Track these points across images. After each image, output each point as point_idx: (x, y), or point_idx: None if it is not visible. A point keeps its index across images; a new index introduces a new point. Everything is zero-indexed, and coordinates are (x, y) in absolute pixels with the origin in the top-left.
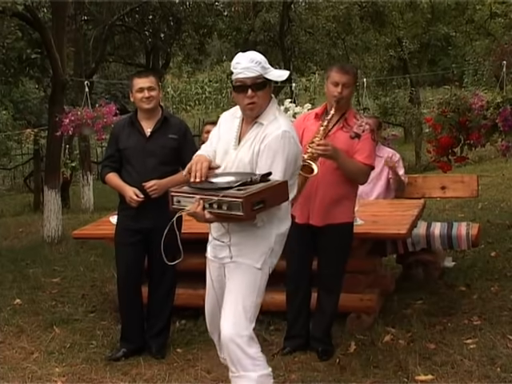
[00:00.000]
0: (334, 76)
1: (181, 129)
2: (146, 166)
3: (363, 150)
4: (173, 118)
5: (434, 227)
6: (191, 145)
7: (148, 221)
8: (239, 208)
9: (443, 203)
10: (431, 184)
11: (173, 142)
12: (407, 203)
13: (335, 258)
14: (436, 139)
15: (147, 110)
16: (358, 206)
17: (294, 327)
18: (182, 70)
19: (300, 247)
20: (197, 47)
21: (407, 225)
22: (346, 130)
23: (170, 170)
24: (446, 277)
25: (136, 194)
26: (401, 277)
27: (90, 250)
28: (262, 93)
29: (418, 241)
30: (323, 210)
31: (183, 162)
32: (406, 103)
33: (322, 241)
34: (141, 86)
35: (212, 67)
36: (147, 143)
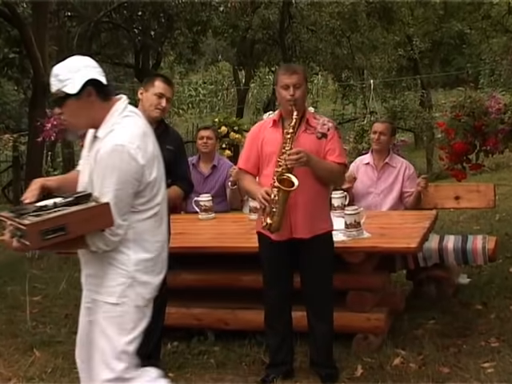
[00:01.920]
0: (283, 79)
1: (177, 140)
2: None
3: (333, 149)
4: (170, 128)
5: (448, 241)
6: (185, 159)
7: None
8: (26, 236)
9: (457, 214)
10: (444, 194)
11: (170, 153)
12: (418, 214)
13: (324, 273)
14: (449, 145)
15: (151, 118)
16: (365, 217)
17: (277, 355)
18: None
19: (281, 268)
20: (190, 46)
21: (418, 238)
22: (310, 132)
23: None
24: (460, 294)
25: None
26: (411, 294)
27: (75, 266)
28: (65, 109)
29: (430, 255)
30: (309, 220)
31: (177, 176)
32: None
33: (307, 255)
34: (162, 92)
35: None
36: None
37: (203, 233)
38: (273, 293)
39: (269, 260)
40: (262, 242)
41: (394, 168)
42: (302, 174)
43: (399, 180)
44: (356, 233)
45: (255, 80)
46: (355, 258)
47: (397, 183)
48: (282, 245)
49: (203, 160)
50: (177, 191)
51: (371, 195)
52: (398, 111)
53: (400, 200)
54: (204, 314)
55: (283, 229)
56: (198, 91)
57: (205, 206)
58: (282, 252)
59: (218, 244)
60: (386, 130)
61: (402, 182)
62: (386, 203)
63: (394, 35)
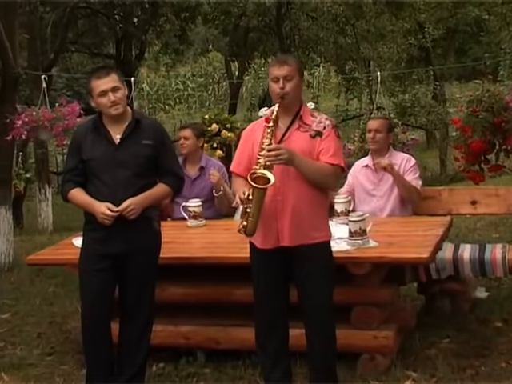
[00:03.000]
0: (272, 71)
1: (156, 133)
2: (116, 180)
3: (327, 148)
4: (146, 119)
5: (463, 250)
6: (170, 151)
7: (119, 243)
8: None
9: (474, 221)
10: (459, 198)
11: (147, 149)
12: (430, 221)
13: (320, 285)
14: (465, 144)
15: (114, 117)
16: (371, 224)
17: (272, 375)
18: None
19: (273, 280)
20: (177, 34)
21: (430, 247)
22: (303, 130)
23: (146, 183)
24: (477, 310)
25: (109, 209)
26: (423, 310)
27: (49, 279)
28: None
29: (444, 266)
30: (296, 226)
31: (161, 172)
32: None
33: (300, 266)
34: (103, 89)
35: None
36: (117, 152)
37: (192, 242)
38: (264, 308)
39: (258, 270)
40: (251, 251)
41: (395, 164)
42: (292, 175)
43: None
44: (361, 241)
45: (249, 72)
46: (360, 270)
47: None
48: (272, 254)
49: (189, 161)
50: (162, 189)
51: (374, 199)
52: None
53: (404, 201)
54: (193, 332)
55: (269, 236)
56: (187, 85)
57: (194, 212)
58: (273, 262)
59: (208, 254)
60: (381, 127)
61: (403, 176)
62: (388, 206)
63: (403, 22)
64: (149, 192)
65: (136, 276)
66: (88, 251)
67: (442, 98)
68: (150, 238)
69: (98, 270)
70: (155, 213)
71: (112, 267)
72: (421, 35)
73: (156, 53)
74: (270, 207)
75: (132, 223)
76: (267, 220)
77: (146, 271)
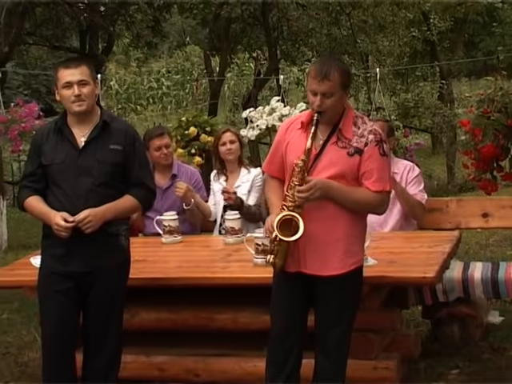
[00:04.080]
0: (311, 83)
1: (127, 136)
2: (78, 188)
3: (370, 172)
4: (116, 121)
5: (474, 269)
6: (142, 159)
7: (81, 261)
8: None
9: (486, 236)
10: (469, 210)
11: (115, 154)
12: (436, 236)
13: (341, 314)
14: (476, 149)
15: (78, 114)
16: (369, 240)
17: None
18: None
19: (291, 304)
20: (150, 25)
21: (436, 266)
22: (342, 145)
23: (113, 194)
24: (491, 337)
25: (64, 219)
26: (429, 337)
27: (2, 305)
28: None
29: (452, 288)
30: (319, 254)
31: (130, 183)
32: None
33: (322, 292)
34: (68, 80)
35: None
36: (80, 157)
37: (167, 260)
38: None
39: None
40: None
41: (397, 174)
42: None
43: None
44: None
45: (232, 69)
46: None
47: None
48: (291, 276)
49: (159, 170)
50: (128, 202)
51: None
52: (412, 107)
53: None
54: (168, 364)
55: (293, 259)
56: (161, 82)
57: (169, 226)
58: (293, 284)
59: (185, 274)
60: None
61: (406, 187)
62: (391, 218)
63: (405, 12)
64: (112, 204)
65: (101, 299)
66: (47, 271)
67: (450, 98)
68: (117, 256)
69: (59, 292)
70: (123, 228)
71: (75, 289)
72: (425, 26)
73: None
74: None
75: (95, 239)
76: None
77: (113, 294)
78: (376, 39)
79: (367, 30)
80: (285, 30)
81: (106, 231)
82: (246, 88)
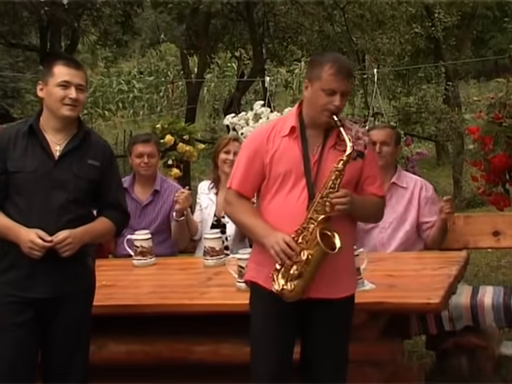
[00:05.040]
0: (331, 81)
1: (105, 152)
2: (50, 203)
3: (374, 176)
4: (94, 133)
5: (484, 294)
6: (117, 178)
7: (45, 286)
8: None
9: (497, 257)
10: (478, 228)
11: (93, 170)
12: (441, 257)
13: (340, 341)
14: (485, 159)
15: (64, 118)
16: (366, 262)
17: None
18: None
19: (282, 335)
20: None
21: (441, 290)
22: (341, 149)
23: (83, 213)
24: (503, 370)
25: (41, 237)
26: (434, 370)
27: None
28: None
29: (460, 315)
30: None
31: (104, 203)
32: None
33: (320, 318)
34: (68, 80)
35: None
36: (56, 169)
37: (139, 285)
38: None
39: (265, 322)
40: (258, 296)
41: (405, 189)
42: None
43: (414, 206)
44: None
45: (212, 69)
46: (354, 320)
47: (411, 210)
48: (290, 304)
49: (140, 183)
50: (105, 225)
51: (375, 230)
52: (414, 112)
53: (416, 234)
54: None
55: None
56: (132, 85)
57: (142, 247)
58: (288, 313)
59: (159, 301)
60: (388, 138)
61: (419, 209)
62: (395, 239)
63: (407, 6)
64: (89, 226)
65: (66, 329)
66: (4, 299)
67: (456, 102)
68: (84, 279)
69: (16, 325)
70: (91, 248)
71: (35, 319)
72: (429, 22)
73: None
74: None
75: (64, 260)
76: None
77: (79, 323)
78: (374, 36)
79: (364, 26)
80: (271, 26)
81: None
82: (228, 91)
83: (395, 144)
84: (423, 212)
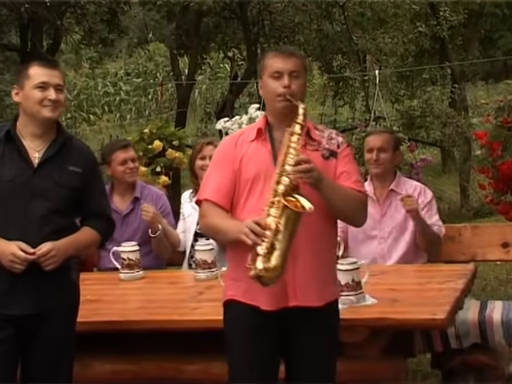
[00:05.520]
0: (273, 63)
1: (88, 158)
2: (30, 213)
3: (349, 171)
4: (74, 139)
5: (493, 309)
6: (101, 186)
7: (29, 302)
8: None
9: (507, 270)
10: (486, 239)
11: (75, 177)
12: (447, 270)
13: (328, 355)
14: (494, 166)
15: (44, 123)
16: (368, 275)
17: None
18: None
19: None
20: (105, 19)
21: (447, 305)
22: (312, 149)
23: (65, 223)
24: None
25: (22, 249)
26: None
27: None
28: None
29: (467, 332)
30: (315, 277)
31: (88, 212)
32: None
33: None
34: (45, 81)
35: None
36: (35, 177)
37: (126, 300)
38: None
39: (244, 342)
40: (234, 314)
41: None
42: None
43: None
44: (355, 298)
45: (204, 71)
46: (354, 337)
47: (410, 220)
48: (272, 317)
49: (119, 191)
50: (89, 235)
51: (375, 241)
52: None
53: (417, 245)
54: None
55: (278, 293)
56: (119, 87)
57: (129, 259)
58: (271, 328)
59: (147, 317)
60: (385, 144)
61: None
62: (396, 250)
63: (410, 3)
64: (73, 237)
65: (48, 347)
66: None
67: (463, 105)
68: (68, 294)
69: None
70: (74, 261)
71: (16, 335)
72: (434, 20)
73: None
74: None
75: (46, 274)
76: None
77: (62, 340)
78: (375, 36)
79: (365, 25)
80: (267, 24)
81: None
82: (221, 94)
83: (394, 150)
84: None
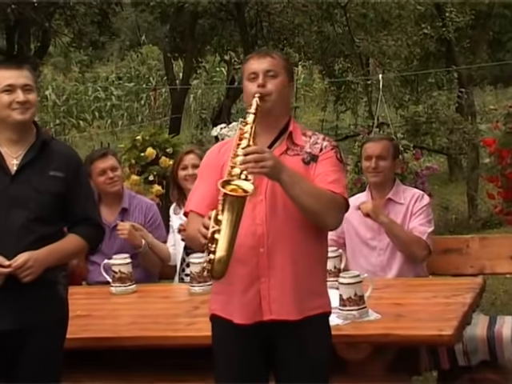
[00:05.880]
0: (249, 65)
1: (70, 161)
2: (8, 223)
3: (325, 173)
4: (56, 142)
5: (502, 325)
6: (87, 190)
7: (10, 317)
8: None
9: None
10: (495, 251)
11: (56, 182)
12: (454, 283)
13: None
14: (503, 175)
15: (17, 126)
16: (371, 288)
17: None
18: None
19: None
20: (96, 20)
21: (455, 321)
22: (294, 153)
23: (50, 232)
24: None
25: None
26: None
27: None
28: None
29: (475, 348)
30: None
31: (73, 218)
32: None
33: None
34: (11, 83)
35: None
36: (13, 184)
37: (117, 315)
38: None
39: (228, 357)
40: (217, 329)
41: (402, 205)
42: (280, 210)
43: (416, 223)
44: (357, 313)
45: (199, 75)
46: (357, 354)
47: (408, 227)
48: (250, 331)
49: (106, 203)
50: (74, 242)
51: (374, 252)
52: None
53: None
54: None
55: (249, 306)
56: (110, 92)
57: (120, 272)
58: (250, 343)
59: (140, 333)
60: (384, 151)
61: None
62: (395, 261)
63: (415, 4)
64: (55, 245)
65: (33, 365)
66: None
67: (471, 111)
68: (54, 310)
69: None
70: (61, 274)
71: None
72: (440, 22)
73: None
74: (250, 263)
75: (28, 288)
76: (246, 282)
77: (48, 358)
78: (378, 38)
79: (367, 27)
80: (265, 26)
81: (41, 279)
82: (217, 99)
83: (393, 158)
84: (411, 223)
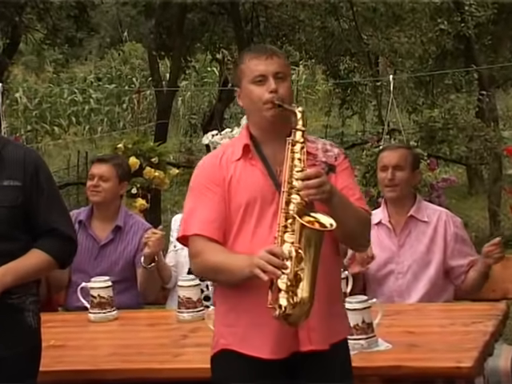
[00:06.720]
0: (254, 66)
1: (27, 166)
2: None
3: (350, 187)
4: (11, 146)
5: None
6: (49, 195)
7: None
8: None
9: None
10: None
11: (13, 193)
12: (475, 310)
13: None
14: None
15: None
16: (380, 315)
17: None
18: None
19: None
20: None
21: (475, 351)
22: (310, 163)
23: (11, 250)
24: None
25: None
26: None
27: None
28: None
29: (498, 382)
30: (328, 316)
31: (34, 227)
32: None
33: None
34: None
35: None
36: None
37: (96, 345)
38: None
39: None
40: (233, 366)
41: (427, 224)
42: None
43: (438, 245)
44: (366, 343)
45: (188, 75)
46: None
47: (435, 251)
48: (277, 367)
49: (99, 216)
50: (36, 258)
51: (391, 277)
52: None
53: (443, 281)
54: None
55: (285, 338)
56: (88, 94)
57: (100, 297)
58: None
59: (122, 365)
60: (402, 161)
61: (445, 249)
62: (417, 287)
63: None
64: (12, 264)
65: None
66: None
67: (493, 115)
68: (21, 341)
69: None
70: (29, 300)
71: None
72: (458, 17)
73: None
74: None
75: None
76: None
77: None
78: (389, 34)
79: (377, 22)
80: (262, 21)
81: (4, 304)
82: (208, 102)
83: (412, 168)
84: (453, 253)
